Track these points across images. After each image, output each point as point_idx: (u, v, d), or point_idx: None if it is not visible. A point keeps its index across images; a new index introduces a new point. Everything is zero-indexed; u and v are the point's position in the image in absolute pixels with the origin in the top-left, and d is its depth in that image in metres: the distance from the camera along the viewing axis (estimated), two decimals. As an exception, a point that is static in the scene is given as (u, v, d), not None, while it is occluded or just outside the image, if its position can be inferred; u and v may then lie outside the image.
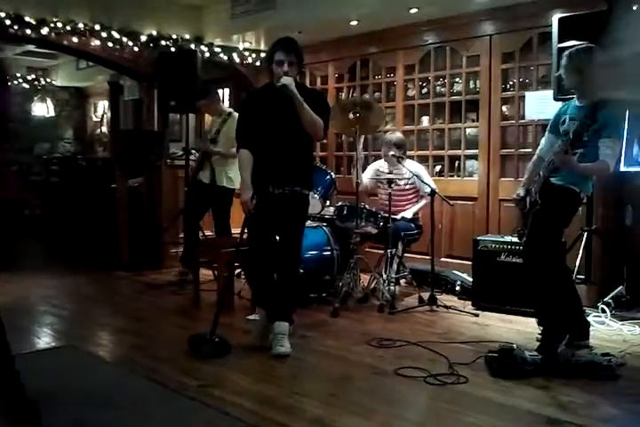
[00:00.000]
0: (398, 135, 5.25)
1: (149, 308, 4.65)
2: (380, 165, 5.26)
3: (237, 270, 4.97)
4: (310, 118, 3.42)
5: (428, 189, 4.77)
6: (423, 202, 5.04)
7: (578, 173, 3.34)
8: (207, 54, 6.56)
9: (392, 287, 4.64)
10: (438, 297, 4.61)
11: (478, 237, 4.69)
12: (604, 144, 3.24)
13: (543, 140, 3.70)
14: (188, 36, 6.49)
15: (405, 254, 5.03)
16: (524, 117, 5.12)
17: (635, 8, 4.29)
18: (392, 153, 4.97)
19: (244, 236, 3.67)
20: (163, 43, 6.31)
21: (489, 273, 4.52)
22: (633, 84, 2.74)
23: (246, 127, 3.61)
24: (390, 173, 5.03)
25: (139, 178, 5.66)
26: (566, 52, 3.46)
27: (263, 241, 3.62)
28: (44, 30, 5.66)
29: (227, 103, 8.30)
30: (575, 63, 3.37)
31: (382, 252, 4.81)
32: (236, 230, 6.45)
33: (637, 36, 3.29)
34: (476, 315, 4.39)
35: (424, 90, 5.97)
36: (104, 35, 5.98)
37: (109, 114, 9.85)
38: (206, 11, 6.66)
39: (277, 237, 3.67)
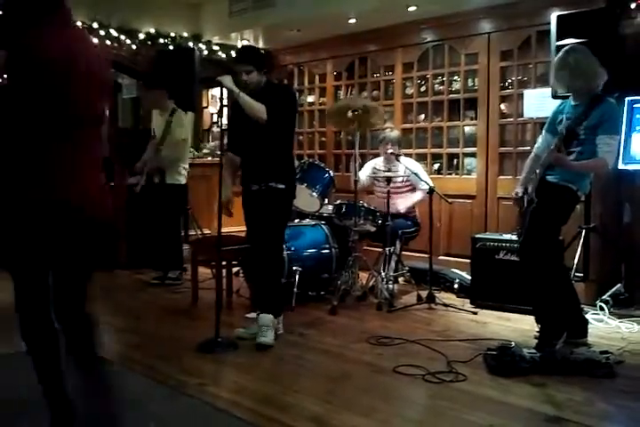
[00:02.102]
0: (397, 132, 5.26)
1: (148, 306, 4.65)
2: (377, 162, 5.27)
3: (235, 269, 4.97)
4: (246, 105, 3.59)
5: (426, 187, 4.77)
6: (417, 196, 5.02)
7: (574, 171, 3.34)
8: (205, 52, 6.55)
9: (390, 285, 4.65)
10: (437, 295, 4.61)
11: (477, 235, 4.70)
12: (601, 141, 3.24)
13: (540, 139, 3.70)
14: (186, 34, 6.49)
15: (404, 252, 5.03)
16: (522, 115, 5.12)
17: (632, 6, 4.30)
18: (390, 151, 4.97)
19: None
20: (161, 41, 6.30)
21: (487, 271, 4.52)
22: None
23: (231, 130, 3.99)
24: (388, 170, 5.02)
25: (137, 176, 5.65)
26: (557, 56, 3.47)
27: (252, 238, 3.80)
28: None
29: (225, 101, 8.30)
30: (565, 65, 3.37)
31: (381, 250, 4.81)
32: (230, 229, 6.48)
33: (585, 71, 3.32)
34: (475, 313, 4.39)
35: (422, 88, 5.97)
36: (102, 33, 5.97)
37: (107, 112, 9.81)
38: (204, 8, 6.66)
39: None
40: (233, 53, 6.79)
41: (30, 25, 2.10)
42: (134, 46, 6.22)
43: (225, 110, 8.21)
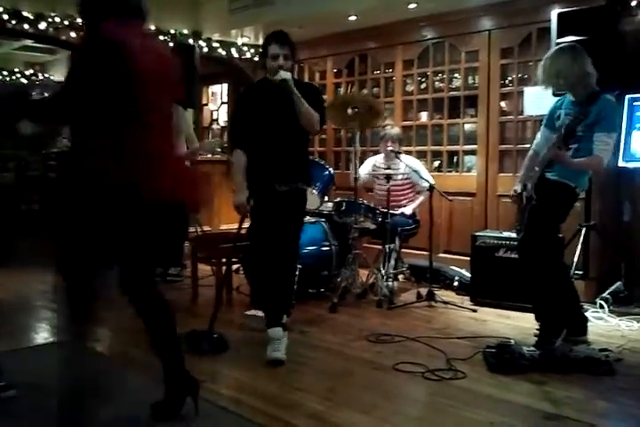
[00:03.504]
0: (398, 129, 5.26)
1: (148, 303, 4.64)
2: (377, 160, 5.26)
3: (235, 266, 4.97)
4: (308, 113, 3.39)
5: (426, 185, 4.76)
6: (422, 198, 5.03)
7: (572, 168, 3.34)
8: (205, 49, 6.54)
9: (390, 283, 4.65)
10: (436, 293, 4.62)
11: (476, 233, 4.70)
12: (598, 139, 3.24)
13: (539, 135, 3.69)
14: (186, 31, 6.47)
15: (404, 250, 5.03)
16: (522, 113, 5.11)
17: (633, 4, 4.29)
18: (390, 148, 4.97)
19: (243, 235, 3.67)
20: (161, 38, 6.29)
21: (487, 269, 4.52)
22: None
23: (242, 126, 3.55)
24: (388, 168, 5.02)
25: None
26: (542, 61, 3.45)
27: (266, 240, 3.52)
28: (42, 25, 5.64)
29: (225, 98, 8.30)
30: (553, 68, 3.36)
31: (380, 247, 4.81)
32: (228, 226, 6.47)
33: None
34: (474, 310, 4.40)
35: (423, 85, 5.96)
36: (102, 30, 5.96)
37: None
38: (204, 6, 6.64)
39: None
40: (233, 51, 6.80)
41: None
42: (134, 43, 6.20)
43: (224, 107, 8.24)
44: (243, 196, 3.50)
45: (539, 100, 4.79)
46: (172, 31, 6.37)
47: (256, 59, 6.99)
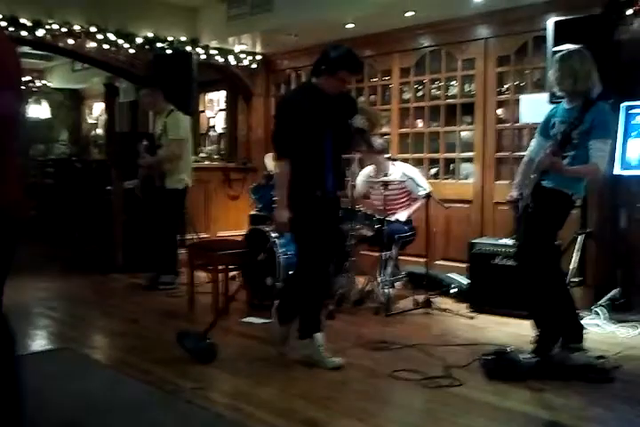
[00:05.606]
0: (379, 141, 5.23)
1: (144, 310, 4.64)
2: (371, 170, 5.26)
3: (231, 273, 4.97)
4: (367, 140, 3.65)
5: (422, 192, 4.77)
6: (418, 204, 5.03)
7: (568, 176, 3.34)
8: (203, 56, 6.56)
9: (387, 290, 4.64)
10: (434, 300, 4.62)
11: (473, 240, 4.71)
12: (594, 146, 3.24)
13: (533, 142, 3.69)
14: (183, 39, 6.49)
15: (401, 257, 5.04)
16: (518, 121, 5.14)
17: (628, 13, 4.32)
18: (387, 155, 4.98)
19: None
20: (158, 45, 6.31)
21: (484, 276, 4.53)
22: None
23: (292, 135, 3.32)
24: (384, 175, 5.03)
25: (134, 180, 5.66)
26: (557, 56, 3.46)
27: (325, 247, 3.41)
28: (40, 32, 5.65)
29: (222, 105, 8.31)
30: (570, 65, 3.37)
31: (377, 254, 4.82)
32: (225, 233, 6.48)
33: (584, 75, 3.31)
34: (472, 317, 4.40)
35: (419, 93, 5.99)
36: (100, 37, 5.98)
37: (105, 116, 9.85)
38: (202, 13, 6.67)
39: None
40: (230, 58, 6.82)
41: None
42: (132, 50, 6.23)
43: (222, 115, 8.24)
44: (286, 213, 3.32)
45: (535, 107, 4.81)
46: (170, 38, 6.39)
47: (253, 66, 7.03)
